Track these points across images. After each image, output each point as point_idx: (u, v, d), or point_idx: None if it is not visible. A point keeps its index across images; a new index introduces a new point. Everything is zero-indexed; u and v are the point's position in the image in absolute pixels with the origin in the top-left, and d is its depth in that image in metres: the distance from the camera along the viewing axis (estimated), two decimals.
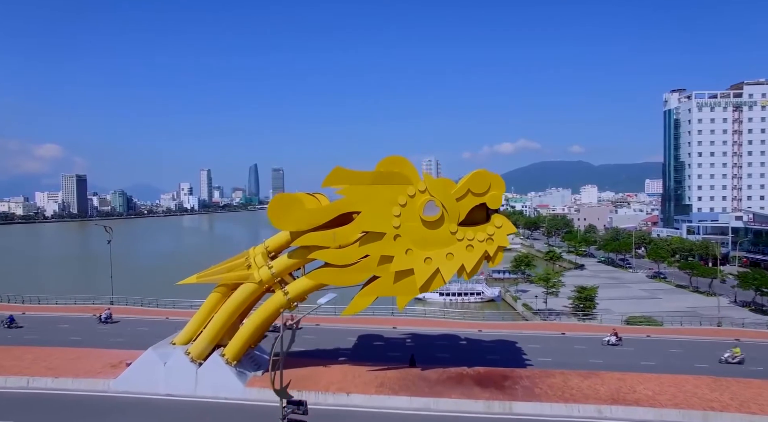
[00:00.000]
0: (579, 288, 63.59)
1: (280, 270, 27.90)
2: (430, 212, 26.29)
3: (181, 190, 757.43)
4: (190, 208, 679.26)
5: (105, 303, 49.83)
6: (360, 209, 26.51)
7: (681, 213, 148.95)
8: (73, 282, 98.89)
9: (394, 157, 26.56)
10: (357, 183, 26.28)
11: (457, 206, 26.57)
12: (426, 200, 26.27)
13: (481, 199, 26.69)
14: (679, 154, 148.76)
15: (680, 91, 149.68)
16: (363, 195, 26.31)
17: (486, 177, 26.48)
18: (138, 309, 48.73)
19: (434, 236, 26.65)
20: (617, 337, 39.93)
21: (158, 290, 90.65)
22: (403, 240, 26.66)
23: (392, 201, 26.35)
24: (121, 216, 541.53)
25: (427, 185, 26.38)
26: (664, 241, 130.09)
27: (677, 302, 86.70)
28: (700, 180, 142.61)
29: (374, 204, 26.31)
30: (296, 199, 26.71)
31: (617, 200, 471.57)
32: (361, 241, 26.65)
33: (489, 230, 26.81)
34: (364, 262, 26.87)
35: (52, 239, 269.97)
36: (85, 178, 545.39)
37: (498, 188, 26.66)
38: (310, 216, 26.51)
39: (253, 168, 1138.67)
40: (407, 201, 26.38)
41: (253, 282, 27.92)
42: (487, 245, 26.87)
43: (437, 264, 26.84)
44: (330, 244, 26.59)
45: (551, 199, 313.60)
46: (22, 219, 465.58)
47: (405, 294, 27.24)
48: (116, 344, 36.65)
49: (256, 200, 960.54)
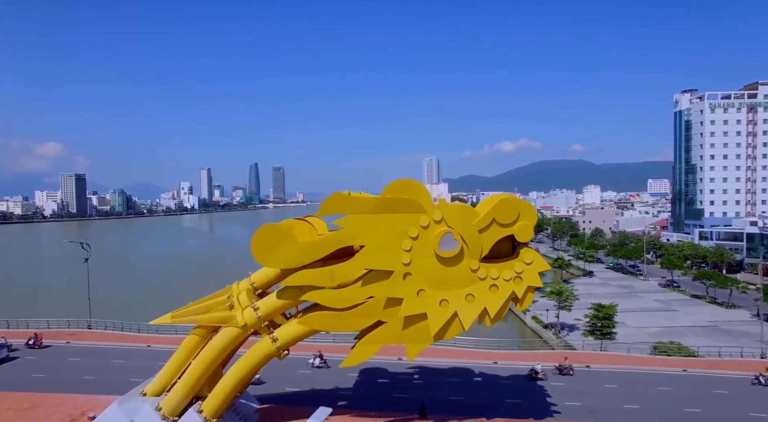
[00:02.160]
0: (597, 306, 59.14)
1: (268, 313, 23.52)
2: (447, 246, 21.87)
3: (181, 189, 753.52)
4: (190, 207, 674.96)
5: (82, 327, 45.35)
6: (363, 243, 22.10)
7: (692, 217, 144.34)
8: (52, 296, 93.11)
9: (404, 181, 22.15)
10: (359, 211, 21.87)
11: (480, 239, 22.15)
12: (442, 232, 21.85)
13: (508, 231, 22.30)
14: (690, 157, 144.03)
15: (692, 92, 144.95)
16: (366, 225, 21.90)
17: (514, 205, 22.06)
18: (117, 336, 44.20)
19: (452, 274, 22.26)
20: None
21: (144, 304, 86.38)
22: (414, 280, 22.27)
23: (402, 233, 21.94)
24: (121, 216, 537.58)
25: (444, 214, 21.95)
26: (676, 247, 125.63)
27: (695, 315, 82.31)
28: (712, 183, 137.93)
29: (380, 236, 21.90)
30: (285, 231, 22.26)
31: (620, 200, 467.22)
32: (364, 280, 22.26)
33: (517, 267, 22.43)
34: (367, 305, 22.49)
35: (43, 240, 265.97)
36: (84, 178, 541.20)
37: (528, 218, 22.27)
38: (303, 252, 22.12)
39: (253, 167, 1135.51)
40: (420, 233, 21.97)
41: (236, 326, 23.55)
42: (515, 285, 22.50)
43: (455, 307, 22.46)
44: (326, 284, 22.22)
45: (555, 200, 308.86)
46: (21, 218, 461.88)
47: (416, 343, 22.86)
48: (83, 384, 32.33)
49: (256, 199, 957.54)
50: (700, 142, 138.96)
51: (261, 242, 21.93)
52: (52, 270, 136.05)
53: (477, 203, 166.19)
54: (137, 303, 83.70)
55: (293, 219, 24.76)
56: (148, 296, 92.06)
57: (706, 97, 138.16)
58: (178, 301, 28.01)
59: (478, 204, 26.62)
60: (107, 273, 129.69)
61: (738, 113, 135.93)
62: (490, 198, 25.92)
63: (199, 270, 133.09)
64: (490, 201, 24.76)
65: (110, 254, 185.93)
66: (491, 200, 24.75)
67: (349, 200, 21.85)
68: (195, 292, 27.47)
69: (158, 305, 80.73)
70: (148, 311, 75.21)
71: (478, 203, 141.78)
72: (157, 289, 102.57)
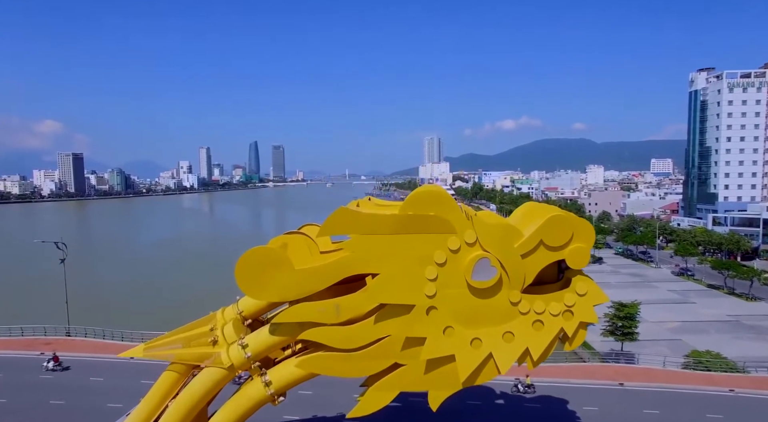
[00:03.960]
0: (617, 305, 55.10)
1: (258, 352, 19.23)
2: (482, 275, 17.41)
3: (180, 168, 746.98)
4: (189, 186, 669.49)
5: (61, 334, 41.19)
6: (377, 270, 17.62)
7: (705, 201, 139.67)
8: (31, 293, 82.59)
9: (429, 191, 17.53)
10: (373, 231, 17.32)
11: (523, 265, 17.68)
12: (477, 257, 17.35)
13: (557, 255, 17.81)
14: (705, 139, 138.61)
15: (708, 71, 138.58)
16: (382, 249, 17.40)
17: (567, 223, 17.51)
18: (99, 345, 39.89)
19: (487, 308, 17.87)
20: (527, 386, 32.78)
21: (135, 301, 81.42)
22: (440, 315, 17.89)
23: (426, 258, 17.45)
24: (119, 196, 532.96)
25: (479, 235, 17.40)
26: (688, 233, 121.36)
27: (714, 308, 78.48)
28: (727, 166, 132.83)
29: (399, 262, 17.42)
30: (279, 256, 17.69)
31: (622, 180, 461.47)
32: (378, 316, 17.88)
33: (567, 299, 18.02)
34: (381, 345, 18.16)
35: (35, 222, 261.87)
36: (81, 157, 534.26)
37: (584, 238, 17.78)
38: (302, 281, 17.67)
39: (253, 145, 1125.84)
40: (448, 258, 17.47)
41: (220, 366, 19.29)
42: (564, 320, 18.14)
43: (490, 347, 18.14)
44: (331, 320, 17.86)
45: (560, 181, 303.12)
46: (18, 198, 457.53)
47: (442, 389, 18.60)
48: (50, 412, 28.23)
49: (256, 178, 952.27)
50: (716, 123, 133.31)
51: (248, 270, 17.45)
52: (35, 261, 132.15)
53: (480, 183, 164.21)
54: (127, 301, 79.72)
55: (288, 235, 20.20)
56: (141, 291, 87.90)
57: (724, 76, 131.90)
58: (174, 299, 24.49)
59: (512, 214, 22.06)
60: (99, 263, 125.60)
61: (758, 93, 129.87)
62: (527, 207, 21.35)
63: (197, 258, 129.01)
64: (530, 212, 20.20)
65: (104, 239, 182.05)
66: (531, 211, 20.19)
67: (358, 217, 17.25)
68: (193, 287, 23.17)
69: (149, 304, 76.20)
70: (136, 311, 70.27)
71: (480, 183, 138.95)
72: (151, 281, 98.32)
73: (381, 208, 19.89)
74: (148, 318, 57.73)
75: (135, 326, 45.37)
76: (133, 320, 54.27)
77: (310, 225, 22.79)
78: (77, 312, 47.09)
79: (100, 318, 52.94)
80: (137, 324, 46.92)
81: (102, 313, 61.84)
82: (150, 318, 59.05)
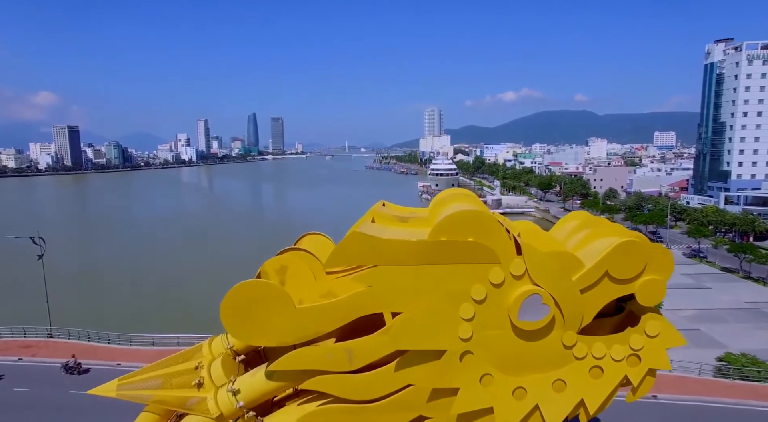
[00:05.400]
0: None
1: (251, 401, 15.83)
2: (531, 314, 13.84)
3: (178, 140, 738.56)
4: (188, 159, 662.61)
5: (42, 336, 37.87)
6: (399, 309, 14.05)
7: (717, 179, 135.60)
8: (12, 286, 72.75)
9: (467, 213, 13.75)
10: (396, 261, 13.66)
11: (582, 302, 14.09)
12: (526, 293, 13.73)
13: (625, 289, 14.21)
14: (719, 114, 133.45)
15: (726, 42, 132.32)
16: (406, 283, 13.80)
17: (641, 251, 13.81)
18: (83, 349, 36.43)
19: (534, 353, 14.41)
20: None
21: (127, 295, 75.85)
22: (477, 361, 14.42)
23: (461, 294, 13.85)
24: (117, 169, 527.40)
25: (529, 265, 13.74)
26: (699, 212, 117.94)
27: (731, 294, 75.71)
28: (743, 143, 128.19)
29: (427, 299, 13.85)
30: (275, 293, 14.04)
31: (625, 154, 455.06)
32: (400, 362, 14.40)
33: (634, 342, 14.51)
34: (402, 396, 14.74)
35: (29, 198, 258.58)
36: (77, 130, 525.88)
37: (660, 269, 14.13)
38: (304, 323, 14.14)
39: (251, 117, 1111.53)
40: (489, 293, 13.86)
41: (206, 416, 15.96)
42: (629, 367, 14.68)
43: (536, 398, 14.74)
44: (341, 368, 14.39)
45: (564, 156, 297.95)
46: (15, 172, 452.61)
47: None
48: None
49: (255, 150, 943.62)
50: (732, 97, 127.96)
51: (237, 309, 13.86)
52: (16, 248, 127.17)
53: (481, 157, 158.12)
54: (120, 294, 73.75)
55: (288, 253, 16.53)
56: (138, 281, 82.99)
57: (744, 47, 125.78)
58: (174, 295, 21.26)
59: (557, 225, 18.30)
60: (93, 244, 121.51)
61: None
62: (578, 219, 17.49)
63: (200, 239, 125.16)
64: (584, 226, 16.44)
65: (101, 217, 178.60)
66: (585, 225, 16.43)
67: (377, 245, 13.52)
68: (196, 278, 19.76)
69: (147, 300, 70.42)
70: (130, 308, 64.72)
71: (482, 157, 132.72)
72: (149, 269, 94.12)
73: (402, 225, 16.22)
74: (144, 317, 54.45)
75: (128, 326, 42.17)
76: (127, 319, 51.09)
77: (314, 234, 19.20)
78: (65, 308, 43.87)
79: (87, 316, 49.47)
80: (131, 324, 43.81)
81: (90, 310, 57.95)
82: (146, 316, 55.59)
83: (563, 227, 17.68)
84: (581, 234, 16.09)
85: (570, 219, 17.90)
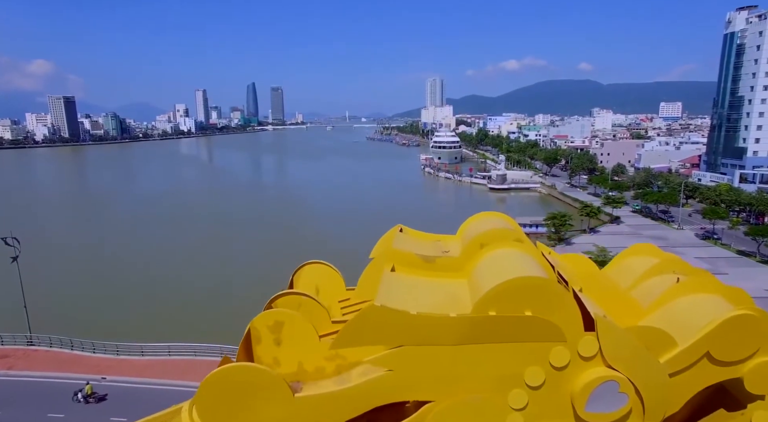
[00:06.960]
0: None
1: None
2: (602, 404, 10.42)
3: (176, 111, 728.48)
4: (186, 130, 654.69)
5: (21, 343, 34.87)
6: (431, 397, 10.67)
7: (732, 156, 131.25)
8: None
9: (525, 281, 10.24)
10: (427, 342, 10.24)
11: (670, 388, 10.72)
12: (599, 379, 10.29)
13: (730, 373, 10.67)
14: (737, 88, 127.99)
15: (749, 9, 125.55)
16: (441, 366, 10.39)
17: (757, 329, 10.27)
18: (65, 358, 33.31)
19: None
20: None
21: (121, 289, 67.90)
22: None
23: (512, 378, 10.37)
24: (115, 140, 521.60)
25: (603, 344, 10.25)
26: (713, 191, 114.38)
27: (749, 280, 72.69)
28: (761, 118, 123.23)
29: (467, 386, 10.44)
30: (267, 380, 10.56)
31: (630, 125, 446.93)
32: None
33: None
34: None
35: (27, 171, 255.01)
36: (73, 100, 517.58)
37: None
38: (305, 416, 10.81)
39: (251, 87, 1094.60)
40: (548, 378, 10.41)
41: None
42: None
43: None
44: None
45: (569, 128, 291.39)
46: (11, 143, 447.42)
47: None
48: None
49: (255, 120, 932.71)
50: (753, 70, 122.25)
51: (218, 400, 10.44)
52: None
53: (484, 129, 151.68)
54: (112, 292, 64.63)
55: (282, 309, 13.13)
56: (133, 277, 73.75)
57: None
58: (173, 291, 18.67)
59: (611, 263, 14.90)
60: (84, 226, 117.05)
61: None
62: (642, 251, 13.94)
63: (197, 222, 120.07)
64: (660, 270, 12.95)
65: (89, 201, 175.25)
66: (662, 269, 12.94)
67: (402, 320, 10.03)
68: (198, 269, 16.69)
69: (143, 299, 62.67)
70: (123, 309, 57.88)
71: (485, 129, 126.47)
72: (147, 263, 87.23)
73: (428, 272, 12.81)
74: (131, 322, 49.52)
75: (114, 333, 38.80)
76: (112, 324, 46.39)
77: (315, 263, 15.67)
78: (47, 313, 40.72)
79: (71, 321, 44.70)
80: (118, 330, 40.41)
81: (74, 315, 52.22)
82: (134, 321, 50.35)
83: (628, 266, 14.04)
84: (660, 284, 12.58)
85: (635, 254, 14.28)
